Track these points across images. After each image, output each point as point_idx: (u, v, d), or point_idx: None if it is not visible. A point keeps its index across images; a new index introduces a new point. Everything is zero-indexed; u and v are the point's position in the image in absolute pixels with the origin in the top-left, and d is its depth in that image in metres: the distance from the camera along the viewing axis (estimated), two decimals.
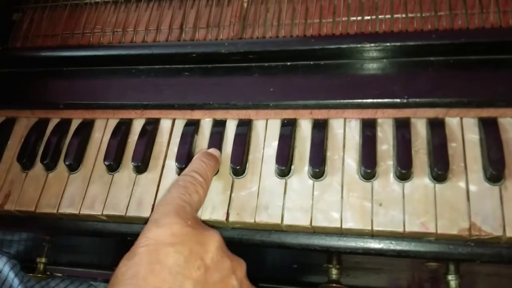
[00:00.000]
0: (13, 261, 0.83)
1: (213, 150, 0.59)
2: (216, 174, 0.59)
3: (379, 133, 0.57)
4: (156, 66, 0.68)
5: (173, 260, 0.42)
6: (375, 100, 0.57)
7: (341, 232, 0.54)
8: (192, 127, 0.63)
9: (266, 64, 0.63)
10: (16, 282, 0.82)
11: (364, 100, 0.57)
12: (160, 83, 0.66)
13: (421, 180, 0.53)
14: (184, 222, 0.45)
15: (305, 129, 0.59)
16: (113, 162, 0.62)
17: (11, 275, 0.82)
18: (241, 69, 0.64)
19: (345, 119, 0.59)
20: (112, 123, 0.66)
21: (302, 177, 0.56)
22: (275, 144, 0.59)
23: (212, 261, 0.45)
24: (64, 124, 0.68)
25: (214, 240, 0.46)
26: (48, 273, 0.78)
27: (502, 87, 0.54)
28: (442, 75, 0.57)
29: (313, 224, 0.53)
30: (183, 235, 0.44)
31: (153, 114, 0.65)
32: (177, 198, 0.48)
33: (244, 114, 0.62)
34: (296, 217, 0.54)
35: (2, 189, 0.65)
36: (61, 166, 0.64)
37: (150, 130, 0.64)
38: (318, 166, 0.55)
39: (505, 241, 0.49)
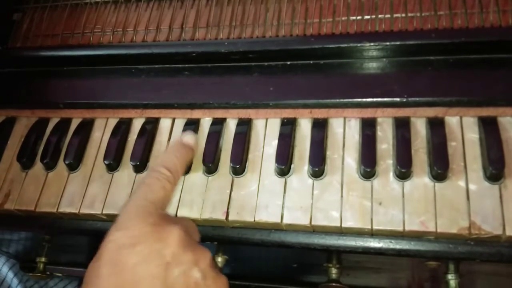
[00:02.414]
0: (12, 260, 0.83)
1: (188, 138, 0.55)
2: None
3: (379, 132, 0.57)
4: (156, 66, 0.68)
5: (133, 261, 0.43)
6: (375, 99, 0.57)
7: (340, 231, 0.54)
8: (192, 126, 0.63)
9: (266, 64, 0.63)
10: (15, 281, 0.82)
11: (364, 99, 0.57)
12: (160, 83, 0.66)
13: (421, 179, 0.53)
14: (143, 222, 0.45)
15: (305, 128, 0.59)
16: (113, 161, 0.62)
17: (10, 274, 0.82)
18: (241, 69, 0.64)
19: (345, 118, 0.59)
20: (112, 122, 0.66)
21: (302, 176, 0.56)
22: (274, 143, 0.59)
23: (173, 256, 0.44)
24: (64, 124, 0.68)
25: (174, 234, 0.45)
26: (48, 272, 0.78)
27: (501, 86, 0.54)
28: (441, 74, 0.57)
29: (312, 223, 0.53)
30: (142, 235, 0.44)
31: (153, 113, 0.65)
32: (140, 198, 0.47)
33: (244, 113, 0.62)
34: (295, 216, 0.54)
35: (2, 189, 0.65)
36: (61, 165, 0.64)
37: (150, 129, 0.64)
38: (318, 165, 0.55)
39: (505, 240, 0.49)
